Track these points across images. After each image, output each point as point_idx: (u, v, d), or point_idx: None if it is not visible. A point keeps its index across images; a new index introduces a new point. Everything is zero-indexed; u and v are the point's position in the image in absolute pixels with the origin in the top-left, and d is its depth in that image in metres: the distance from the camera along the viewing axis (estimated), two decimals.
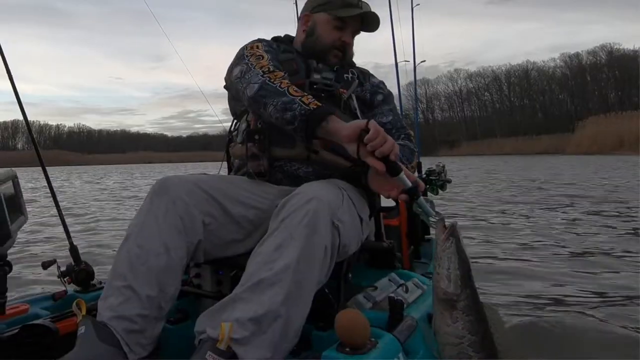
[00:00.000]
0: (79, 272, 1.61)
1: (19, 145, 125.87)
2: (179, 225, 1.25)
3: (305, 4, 1.72)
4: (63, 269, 1.61)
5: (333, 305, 1.34)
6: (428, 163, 2.92)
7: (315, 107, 1.29)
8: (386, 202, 1.83)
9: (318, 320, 1.27)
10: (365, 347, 1.02)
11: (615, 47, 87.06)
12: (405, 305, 1.29)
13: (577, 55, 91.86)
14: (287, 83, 1.36)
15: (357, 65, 1.78)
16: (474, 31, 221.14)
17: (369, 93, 1.68)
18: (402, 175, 1.20)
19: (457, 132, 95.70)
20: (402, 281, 1.48)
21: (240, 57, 1.53)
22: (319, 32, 1.64)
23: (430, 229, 2.58)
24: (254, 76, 1.41)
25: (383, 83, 1.76)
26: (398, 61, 3.61)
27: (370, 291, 1.41)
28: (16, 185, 1.56)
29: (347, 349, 1.01)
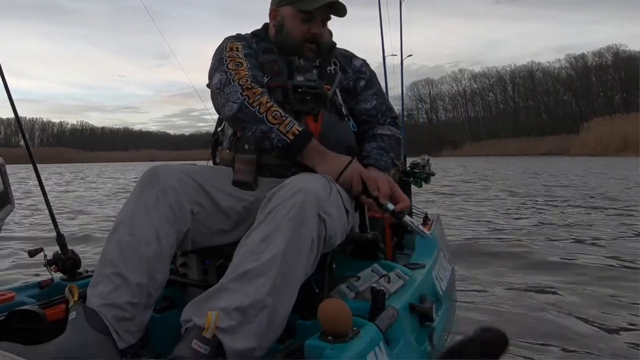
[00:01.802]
0: (66, 261, 1.62)
1: (22, 143, 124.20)
2: (169, 213, 1.26)
3: None
4: (49, 257, 1.62)
5: (317, 295, 1.37)
6: (433, 163, 2.92)
7: (292, 137, 1.35)
8: None
9: (302, 310, 1.30)
10: (347, 336, 1.04)
11: (622, 48, 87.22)
12: (387, 296, 1.32)
13: (583, 56, 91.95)
14: (266, 104, 1.37)
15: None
16: (480, 31, 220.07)
17: (352, 80, 1.66)
18: (387, 205, 1.38)
19: (461, 133, 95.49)
20: (384, 272, 1.51)
21: (220, 61, 1.50)
22: (287, 27, 1.60)
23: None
24: (233, 93, 1.41)
25: (365, 64, 1.72)
26: (386, 55, 3.65)
27: (353, 281, 1.43)
28: (3, 173, 1.56)
29: (330, 338, 1.04)
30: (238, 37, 1.63)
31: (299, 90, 1.51)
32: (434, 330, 1.50)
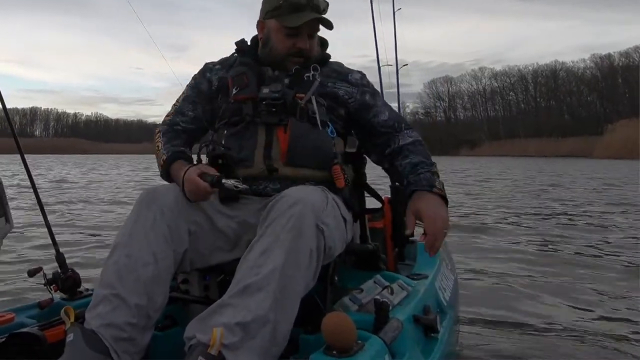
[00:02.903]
0: (66, 280, 1.60)
1: (37, 132, 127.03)
2: (166, 234, 1.26)
3: (260, 10, 1.63)
4: (49, 276, 1.60)
5: (320, 309, 1.36)
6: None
7: (163, 166, 1.50)
8: (371, 204, 1.86)
9: (305, 324, 1.29)
10: (352, 350, 1.03)
11: None
12: (390, 307, 1.31)
13: (609, 56, 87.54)
14: (156, 142, 1.57)
15: (335, 59, 1.68)
16: (503, 29, 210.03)
17: (347, 93, 1.59)
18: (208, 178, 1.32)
19: (479, 132, 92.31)
20: (387, 283, 1.50)
21: None
22: (272, 41, 1.57)
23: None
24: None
25: (363, 76, 1.67)
26: (381, 65, 3.65)
27: (356, 293, 1.42)
28: (0, 191, 1.55)
29: (334, 352, 1.03)
30: (201, 70, 1.68)
31: (264, 102, 1.50)
32: (439, 341, 1.48)
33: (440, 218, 1.39)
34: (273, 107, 1.49)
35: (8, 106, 1.74)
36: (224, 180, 1.30)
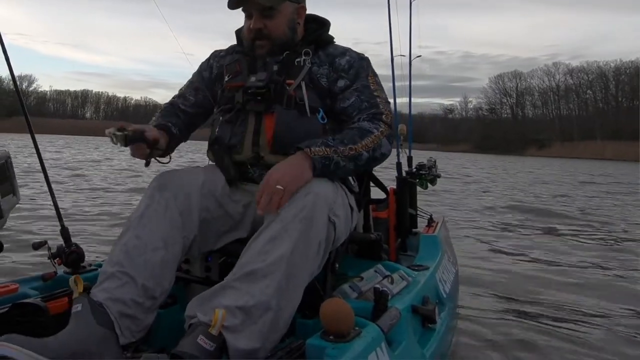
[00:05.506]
0: (70, 254, 1.61)
1: (88, 115, 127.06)
2: (178, 220, 1.27)
3: None
4: (53, 250, 1.62)
5: (319, 294, 1.36)
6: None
7: None
8: (376, 194, 1.86)
9: (303, 308, 1.30)
10: (349, 336, 1.04)
11: None
12: (390, 296, 1.31)
13: None
14: (154, 116, 1.61)
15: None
16: (584, 23, 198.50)
17: (328, 80, 1.49)
18: None
19: (550, 132, 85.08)
20: (388, 272, 1.51)
21: None
22: (243, 28, 1.55)
23: (418, 222, 2.62)
24: None
25: (355, 59, 1.52)
26: (394, 55, 3.60)
27: (356, 281, 1.43)
28: (9, 165, 1.56)
29: (331, 337, 1.03)
30: (205, 60, 1.69)
31: (249, 91, 1.47)
32: (437, 332, 1.49)
33: (276, 172, 1.21)
34: (258, 95, 1.46)
35: (60, 88, 1.77)
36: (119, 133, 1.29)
